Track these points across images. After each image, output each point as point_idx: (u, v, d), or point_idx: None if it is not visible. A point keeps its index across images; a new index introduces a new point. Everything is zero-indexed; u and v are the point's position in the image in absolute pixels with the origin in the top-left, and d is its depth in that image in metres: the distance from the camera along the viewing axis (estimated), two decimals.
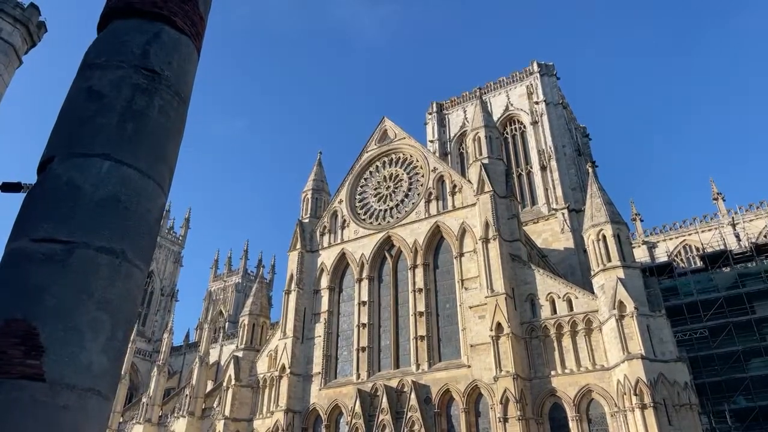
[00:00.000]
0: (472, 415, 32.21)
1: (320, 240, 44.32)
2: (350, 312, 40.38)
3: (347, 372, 38.36)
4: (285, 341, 40.03)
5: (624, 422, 27.50)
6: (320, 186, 47.67)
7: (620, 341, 28.41)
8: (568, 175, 56.29)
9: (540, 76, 64.05)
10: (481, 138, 39.83)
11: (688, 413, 27.05)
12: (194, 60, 4.15)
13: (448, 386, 33.20)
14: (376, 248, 40.88)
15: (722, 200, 53.94)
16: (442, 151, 67.92)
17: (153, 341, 78.08)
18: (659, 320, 29.04)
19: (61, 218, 2.66)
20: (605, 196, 33.89)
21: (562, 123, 61.73)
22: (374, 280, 40.52)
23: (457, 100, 70.40)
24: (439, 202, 39.74)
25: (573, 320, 31.49)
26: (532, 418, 29.84)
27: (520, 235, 36.01)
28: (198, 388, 53.25)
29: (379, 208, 42.94)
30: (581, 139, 74.02)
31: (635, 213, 59.51)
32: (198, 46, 4.27)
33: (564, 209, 52.66)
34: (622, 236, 31.95)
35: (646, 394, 26.56)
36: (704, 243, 49.70)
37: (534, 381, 31.14)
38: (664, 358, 27.97)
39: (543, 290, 33.00)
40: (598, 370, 29.72)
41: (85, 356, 2.44)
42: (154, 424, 56.06)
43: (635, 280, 30.21)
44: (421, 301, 37.14)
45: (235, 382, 41.01)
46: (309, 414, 37.77)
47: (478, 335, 33.31)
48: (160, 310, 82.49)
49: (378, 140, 45.67)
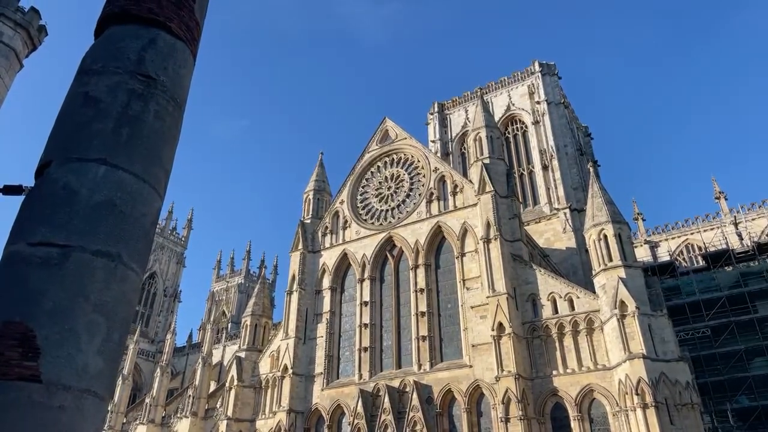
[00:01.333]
0: (474, 414, 32.23)
1: (322, 240, 44.38)
2: (352, 312, 40.42)
3: (349, 372, 38.40)
4: (287, 341, 40.10)
5: (626, 422, 27.47)
6: (322, 186, 47.73)
7: (622, 341, 28.38)
8: (570, 175, 56.21)
9: (541, 76, 64.01)
10: (482, 138, 39.84)
11: (690, 413, 27.00)
12: (190, 65, 4.21)
13: (450, 386, 33.21)
14: (378, 248, 40.92)
15: (724, 199, 53.82)
16: (444, 151, 67.94)
17: (156, 342, 78.27)
18: (661, 320, 29.00)
19: (57, 222, 2.72)
20: (606, 196, 33.86)
21: (563, 122, 61.68)
22: (376, 280, 40.55)
23: (458, 100, 70.42)
24: (441, 203, 39.76)
25: (574, 320, 31.47)
26: (533, 418, 29.83)
27: (521, 235, 36.01)
28: (201, 389, 53.39)
29: (380, 209, 42.98)
30: (583, 138, 73.91)
31: (637, 212, 59.41)
32: (194, 51, 4.32)
33: (566, 209, 52.63)
34: (624, 236, 31.91)
35: (648, 394, 26.53)
36: (706, 242, 49.62)
37: (536, 381, 31.14)
38: (666, 357, 27.93)
39: (544, 290, 32.99)
40: (599, 369, 29.70)
41: (81, 358, 2.50)
42: (157, 424, 56.20)
43: (637, 280, 30.17)
44: (422, 301, 37.16)
45: (238, 382, 41.08)
46: (311, 414, 37.82)
47: (479, 335, 33.33)
48: (163, 311, 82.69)
49: (379, 141, 45.72)
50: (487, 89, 67.56)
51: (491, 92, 67.01)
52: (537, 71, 64.43)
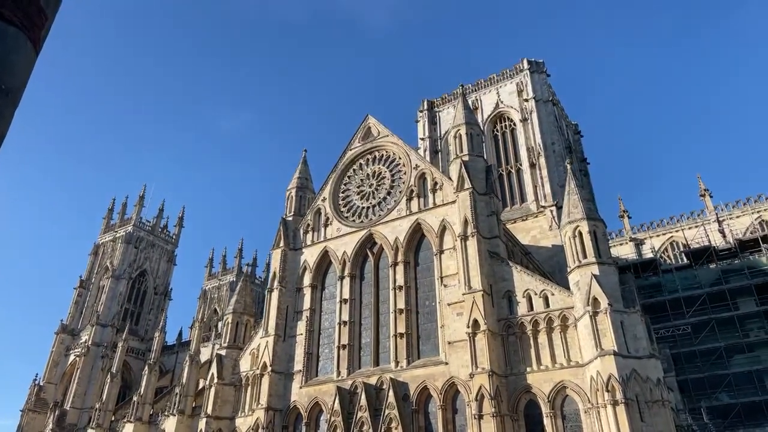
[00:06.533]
0: (450, 412, 32.17)
1: (303, 238, 44.35)
2: (332, 310, 40.39)
3: (328, 370, 38.36)
4: (267, 339, 40.07)
5: (597, 419, 27.40)
6: (304, 184, 47.69)
7: (594, 337, 28.28)
8: (558, 172, 56.08)
9: (530, 74, 63.95)
10: (462, 135, 39.77)
11: (661, 410, 26.90)
12: (26, 51, 4.17)
13: (426, 383, 33.15)
14: (358, 246, 40.88)
15: (709, 197, 53.70)
16: (433, 148, 67.91)
17: (146, 340, 78.25)
18: (633, 317, 28.91)
19: None
20: (583, 193, 33.81)
21: (551, 120, 61.60)
22: (356, 277, 40.51)
23: (447, 97, 70.40)
24: (421, 200, 39.71)
25: (549, 317, 31.40)
26: (507, 415, 29.75)
27: (499, 232, 35.93)
28: (188, 387, 53.30)
29: (362, 206, 42.94)
30: (572, 136, 73.77)
31: (623, 210, 59.37)
32: (33, 38, 4.28)
33: (552, 206, 52.58)
34: (599, 233, 31.83)
35: (618, 391, 26.44)
36: (690, 240, 49.61)
37: (510, 378, 31.08)
38: (638, 354, 27.84)
39: (520, 287, 32.92)
40: (572, 366, 29.62)
41: None
42: (144, 422, 56.16)
43: (610, 277, 30.10)
44: (401, 298, 37.12)
45: (218, 380, 41.07)
46: (290, 412, 37.80)
47: (456, 332, 33.27)
48: (154, 309, 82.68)
49: (362, 138, 45.65)
50: (476, 87, 67.51)
51: (480, 90, 66.97)
52: (526, 69, 64.35)
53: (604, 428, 26.76)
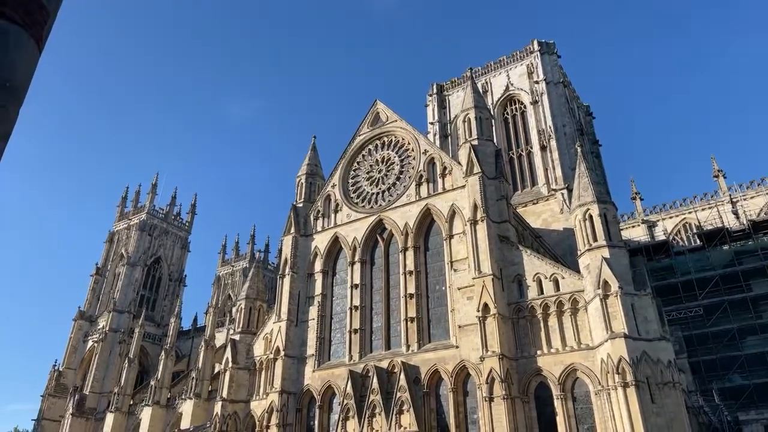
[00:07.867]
0: (460, 394, 32.52)
1: (314, 224, 44.63)
2: (343, 295, 40.76)
3: (340, 354, 38.86)
4: (279, 324, 40.62)
5: (607, 400, 27.57)
6: (314, 170, 47.83)
7: (604, 320, 28.34)
8: (569, 155, 55.55)
9: (540, 55, 63.15)
10: (471, 119, 39.56)
11: (672, 391, 26.99)
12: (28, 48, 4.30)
13: (437, 367, 33.49)
14: (368, 232, 41.07)
15: (723, 177, 52.98)
16: (443, 132, 67.58)
17: (162, 326, 79.51)
18: (644, 299, 28.88)
19: None
20: (593, 175, 33.60)
21: (562, 102, 60.93)
22: (366, 263, 40.78)
23: (457, 81, 69.83)
24: (430, 185, 39.71)
25: (559, 300, 31.47)
26: (517, 397, 30.04)
27: (509, 216, 35.89)
28: (204, 371, 54.42)
29: (371, 192, 43.04)
30: (584, 117, 72.95)
31: (635, 192, 58.79)
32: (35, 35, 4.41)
33: (563, 189, 52.21)
34: (609, 216, 31.68)
35: (629, 373, 26.54)
36: (703, 221, 49.16)
37: (520, 361, 31.29)
38: (648, 336, 27.86)
39: (530, 271, 32.96)
40: (582, 349, 29.74)
41: None
42: (162, 406, 57.50)
43: (621, 260, 30.02)
44: (411, 283, 37.35)
45: (233, 364, 41.77)
46: (303, 395, 38.42)
47: (466, 316, 33.47)
48: (169, 295, 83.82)
49: (370, 123, 45.60)
50: (486, 69, 66.90)
51: (490, 72, 66.36)
52: (536, 50, 63.55)
53: (615, 410, 26.93)
